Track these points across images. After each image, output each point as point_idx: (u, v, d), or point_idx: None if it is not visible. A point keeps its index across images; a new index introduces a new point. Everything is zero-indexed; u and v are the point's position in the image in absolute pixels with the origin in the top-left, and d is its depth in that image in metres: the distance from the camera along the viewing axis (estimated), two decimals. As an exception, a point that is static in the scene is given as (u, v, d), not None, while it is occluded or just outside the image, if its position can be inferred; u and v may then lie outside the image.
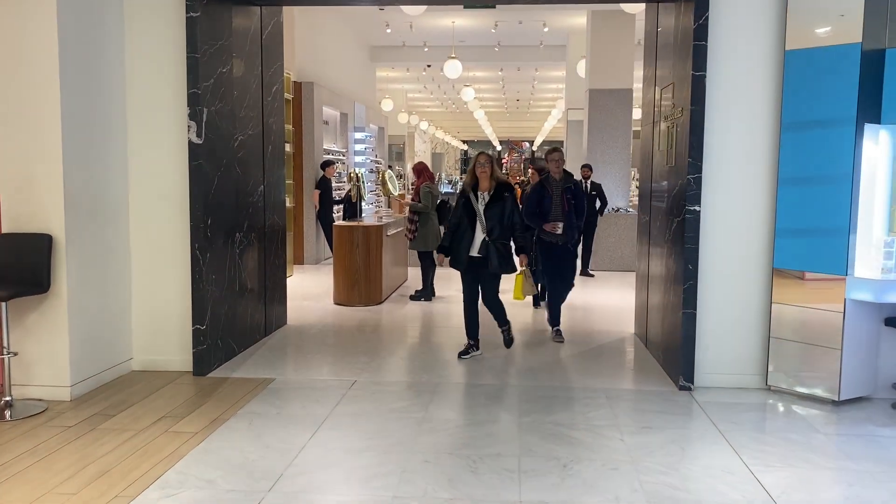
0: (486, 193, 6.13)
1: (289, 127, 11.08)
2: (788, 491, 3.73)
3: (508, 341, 6.52)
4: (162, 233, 5.80)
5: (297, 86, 11.61)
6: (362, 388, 5.40)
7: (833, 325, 5.06)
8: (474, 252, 6.12)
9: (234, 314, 6.16)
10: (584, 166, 11.26)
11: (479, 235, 6.11)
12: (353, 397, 5.18)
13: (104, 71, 5.48)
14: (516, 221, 6.12)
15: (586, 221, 10.52)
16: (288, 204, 11.08)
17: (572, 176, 7.12)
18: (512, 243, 6.25)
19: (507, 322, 6.52)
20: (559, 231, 6.83)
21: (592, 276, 11.30)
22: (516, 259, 6.27)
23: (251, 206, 6.51)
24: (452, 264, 6.25)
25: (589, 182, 10.96)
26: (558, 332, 7.02)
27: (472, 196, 6.15)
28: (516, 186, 21.76)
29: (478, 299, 6.35)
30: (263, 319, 6.87)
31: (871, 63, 4.92)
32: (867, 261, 5.05)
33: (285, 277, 7.45)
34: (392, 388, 5.46)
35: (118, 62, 5.65)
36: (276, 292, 7.16)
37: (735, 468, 4.01)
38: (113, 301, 5.64)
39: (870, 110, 4.96)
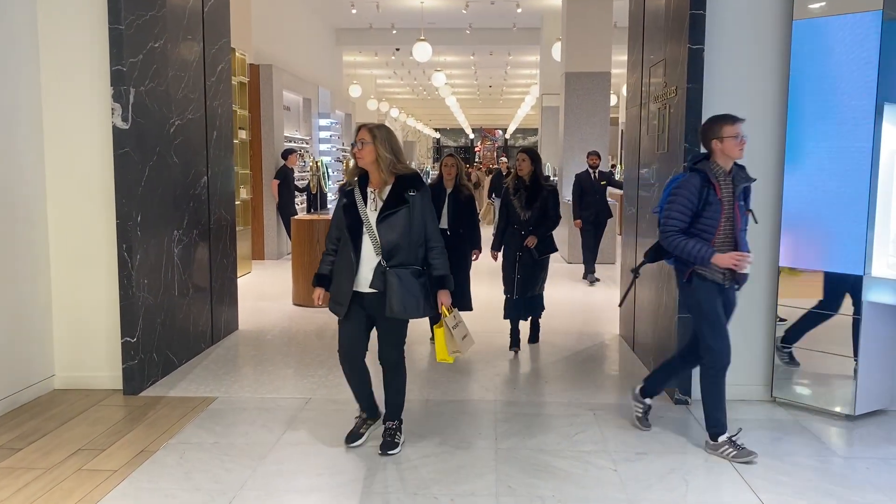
0: (377, 192, 3.84)
1: (244, 112, 10.32)
2: (817, 538, 3.15)
3: (387, 445, 3.98)
4: (85, 232, 5.05)
5: (255, 68, 10.83)
6: (317, 409, 4.73)
7: (847, 330, 4.49)
8: (362, 285, 3.85)
9: (172, 323, 5.44)
10: (590, 153, 9.93)
11: (370, 258, 3.82)
12: (306, 420, 4.50)
13: (8, 44, 4.71)
14: (433, 235, 3.88)
15: (595, 220, 9.67)
16: (245, 195, 10.36)
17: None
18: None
19: (399, 416, 4.09)
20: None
21: (598, 280, 9.71)
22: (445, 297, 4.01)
23: (192, 200, 5.78)
24: (331, 306, 3.96)
25: (597, 171, 9.74)
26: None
27: (357, 195, 3.85)
28: (486, 175, 21.15)
29: (362, 355, 4.01)
30: (210, 326, 6.15)
31: (892, 34, 4.33)
32: (885, 258, 4.49)
33: (235, 278, 6.73)
34: (350, 407, 4.72)
35: (28, 33, 4.88)
36: (224, 295, 6.45)
37: (750, 507, 3.42)
38: (29, 311, 4.89)
39: (890, 88, 4.38)
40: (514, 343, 6.15)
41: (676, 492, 3.57)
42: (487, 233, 8.90)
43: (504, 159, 28.58)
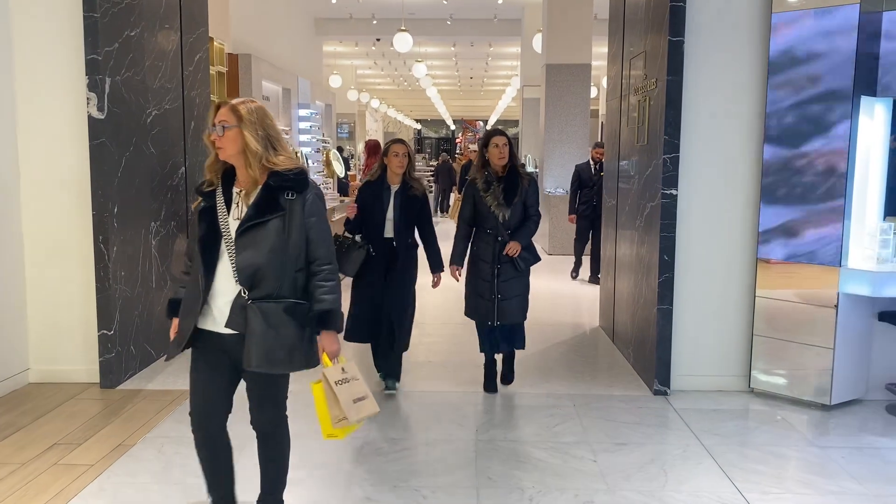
0: (242, 195, 2.73)
1: (223, 103, 10.21)
2: (793, 526, 3.19)
3: None
4: (61, 224, 4.98)
5: (233, 58, 10.70)
6: (297, 401, 4.65)
7: (824, 322, 4.54)
8: (219, 322, 2.73)
9: (150, 315, 5.38)
10: (596, 145, 9.02)
11: (228, 286, 2.71)
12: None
13: (-17, 32, 4.63)
14: (319, 254, 2.75)
15: (591, 215, 8.41)
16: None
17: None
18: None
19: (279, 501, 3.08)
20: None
21: (576, 277, 9.36)
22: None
23: (170, 191, 5.71)
24: (173, 346, 2.90)
25: (598, 164, 8.68)
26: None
27: (219, 198, 2.74)
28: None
29: (220, 420, 2.90)
30: (188, 318, 6.08)
31: (868, 28, 4.37)
32: (861, 250, 4.54)
33: (214, 270, 6.67)
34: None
35: (0, 22, 4.79)
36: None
37: (727, 496, 3.45)
38: (3, 303, 4.82)
39: (866, 81, 4.42)
40: (491, 383, 4.90)
41: (655, 482, 3.59)
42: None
43: (474, 147, 28.04)
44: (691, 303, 4.90)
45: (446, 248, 4.88)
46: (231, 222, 2.71)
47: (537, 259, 4.86)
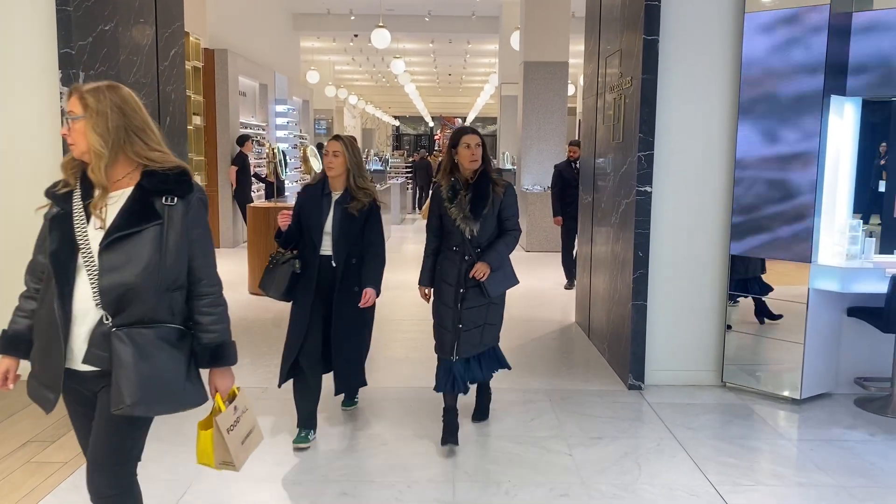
0: (102, 200, 2.16)
1: (199, 98, 10.14)
2: (763, 517, 3.25)
3: None
4: (35, 222, 4.90)
5: (209, 53, 10.63)
6: (273, 398, 4.70)
7: (795, 317, 4.62)
8: (76, 358, 2.17)
9: (125, 312, 5.33)
10: (572, 143, 8.61)
11: (87, 309, 2.15)
12: (262, 409, 4.47)
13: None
14: (204, 273, 2.29)
15: (575, 216, 7.35)
16: (200, 183, 10.18)
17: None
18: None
19: None
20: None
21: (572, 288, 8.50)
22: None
23: (145, 187, 5.67)
24: (32, 391, 2.29)
25: (578, 163, 7.89)
26: None
27: (75, 202, 2.22)
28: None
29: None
30: (164, 315, 6.05)
31: (838, 28, 4.45)
32: (831, 246, 4.63)
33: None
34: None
35: (-28, 15, 4.72)
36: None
37: (699, 488, 3.51)
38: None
39: (836, 81, 4.50)
40: (450, 433, 3.91)
41: (629, 475, 3.64)
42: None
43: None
44: (665, 299, 4.97)
45: (420, 250, 4.32)
46: (92, 233, 2.14)
47: (513, 282, 4.05)
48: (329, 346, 3.94)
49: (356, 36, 18.18)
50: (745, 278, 4.83)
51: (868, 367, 4.82)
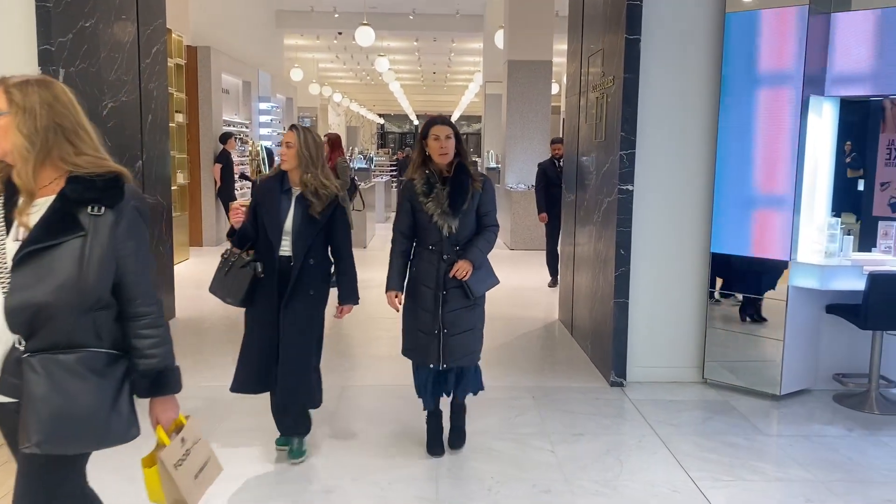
0: (23, 208, 1.90)
1: (181, 95, 10.08)
2: (742, 512, 3.28)
3: None
4: (13, 217, 4.87)
5: (192, 50, 10.56)
6: (255, 397, 4.67)
7: (775, 314, 4.67)
8: None
9: (106, 310, 5.30)
10: (554, 141, 8.58)
11: (1, 335, 1.88)
12: (243, 408, 4.45)
13: (-70, 20, 4.50)
14: (138, 291, 2.01)
15: (560, 214, 7.31)
16: (182, 180, 10.14)
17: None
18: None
19: None
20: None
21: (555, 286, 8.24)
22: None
23: (127, 185, 5.63)
24: None
25: (562, 161, 7.73)
26: None
27: None
28: None
29: None
30: (146, 314, 6.01)
31: (817, 29, 4.50)
32: (810, 244, 4.68)
33: (172, 264, 6.61)
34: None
35: (-50, 10, 4.67)
36: (160, 282, 6.30)
37: (680, 484, 3.54)
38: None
39: (815, 81, 4.55)
40: (436, 443, 3.84)
41: (611, 471, 3.67)
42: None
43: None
44: (647, 296, 5.00)
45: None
46: (10, 245, 1.90)
47: (494, 281, 3.81)
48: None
49: (340, 34, 18.12)
50: (728, 276, 4.88)
51: (846, 364, 4.88)
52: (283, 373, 3.54)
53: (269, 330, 3.53)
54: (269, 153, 12.79)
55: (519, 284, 8.65)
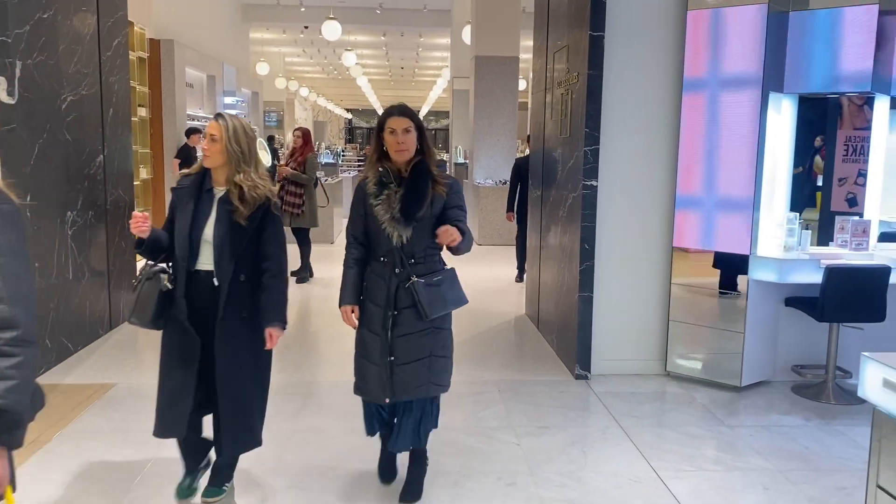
0: None
1: (144, 89, 9.93)
2: (703, 501, 3.34)
3: None
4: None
5: (155, 43, 10.41)
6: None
7: (735, 308, 4.77)
8: None
9: (67, 307, 5.22)
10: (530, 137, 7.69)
11: None
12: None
13: None
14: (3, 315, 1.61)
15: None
16: (145, 175, 9.99)
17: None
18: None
19: None
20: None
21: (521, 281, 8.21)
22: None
23: (87, 180, 5.54)
24: None
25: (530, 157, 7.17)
26: None
27: None
28: None
29: None
30: (108, 311, 5.93)
31: (776, 26, 4.59)
32: (769, 239, 4.78)
33: (135, 261, 6.51)
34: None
35: None
36: (123, 278, 6.22)
37: (643, 475, 3.60)
38: None
39: (774, 78, 4.64)
40: (387, 470, 3.45)
41: (576, 463, 3.72)
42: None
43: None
44: (611, 290, 5.06)
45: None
46: None
47: (459, 301, 3.23)
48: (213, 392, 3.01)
49: (306, 28, 17.99)
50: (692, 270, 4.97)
51: (804, 356, 4.99)
52: (223, 416, 2.99)
53: (186, 358, 2.95)
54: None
55: (487, 279, 8.69)
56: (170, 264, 3.02)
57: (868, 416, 2.38)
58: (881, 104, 4.84)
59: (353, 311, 3.18)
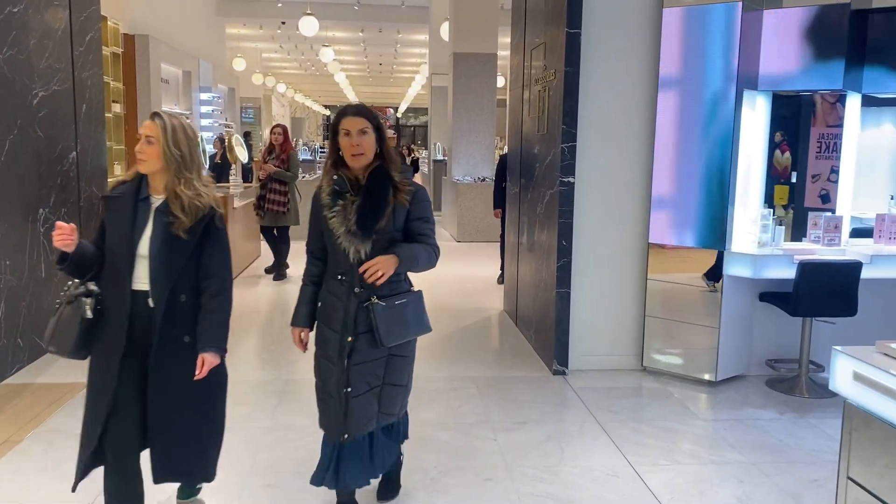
0: None
1: (119, 85, 9.81)
2: (678, 495, 3.37)
3: None
4: (-63, 209, 4.68)
5: (129, 38, 10.28)
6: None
7: (710, 303, 4.81)
8: None
9: (39, 306, 5.14)
10: None
11: None
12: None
13: None
14: None
15: None
16: (120, 172, 9.87)
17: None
18: None
19: None
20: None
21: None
22: None
23: (60, 176, 5.46)
24: None
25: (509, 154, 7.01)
26: None
27: None
28: None
29: None
30: (82, 309, 5.84)
31: (751, 24, 4.63)
32: (744, 234, 4.82)
33: (109, 259, 6.43)
34: (234, 388, 4.65)
35: None
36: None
37: (619, 469, 3.63)
38: None
39: (748, 75, 4.68)
40: None
41: (552, 458, 3.73)
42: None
43: (393, 133, 26.24)
44: (588, 286, 5.09)
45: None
46: None
47: (421, 328, 2.90)
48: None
49: (283, 23, 17.85)
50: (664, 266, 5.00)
51: (778, 350, 5.06)
52: (161, 446, 2.68)
53: (114, 390, 2.58)
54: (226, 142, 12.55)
55: (466, 276, 8.70)
56: (95, 284, 2.62)
57: (840, 408, 2.42)
58: (853, 102, 4.90)
59: (302, 334, 2.93)
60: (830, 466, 3.58)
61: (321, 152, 20.62)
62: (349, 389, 2.78)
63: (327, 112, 46.67)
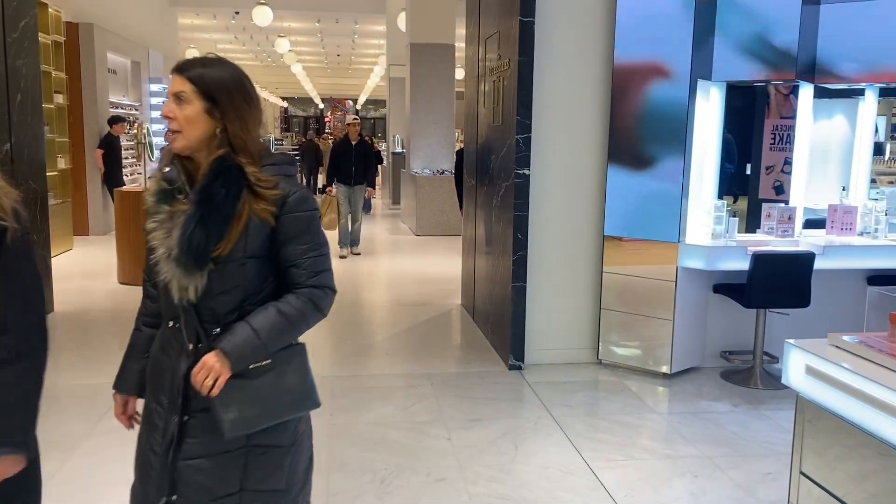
0: None
1: (61, 75, 9.46)
2: (632, 491, 3.32)
3: None
4: None
5: (72, 26, 9.92)
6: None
7: (665, 295, 4.78)
8: None
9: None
10: None
11: None
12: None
13: None
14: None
15: None
16: (63, 165, 9.56)
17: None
18: None
19: None
20: None
21: None
22: None
23: (-7, 170, 5.21)
24: None
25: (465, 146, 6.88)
26: None
27: None
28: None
29: None
30: (20, 308, 5.60)
31: (705, 14, 4.59)
32: (698, 226, 4.80)
33: (48, 255, 6.19)
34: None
35: None
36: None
37: (573, 466, 3.56)
38: None
39: (703, 65, 4.65)
40: None
41: (506, 455, 3.66)
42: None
43: (356, 118, 25.36)
44: (544, 279, 5.02)
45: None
46: None
47: (301, 404, 1.84)
48: None
49: (237, 13, 17.48)
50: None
51: (732, 342, 5.06)
52: None
53: None
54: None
55: (425, 270, 8.60)
56: None
57: (794, 399, 2.38)
58: (805, 93, 4.91)
59: (125, 404, 1.97)
60: (784, 459, 3.55)
61: (277, 145, 20.27)
62: (174, 498, 1.77)
63: (285, 104, 46.06)
